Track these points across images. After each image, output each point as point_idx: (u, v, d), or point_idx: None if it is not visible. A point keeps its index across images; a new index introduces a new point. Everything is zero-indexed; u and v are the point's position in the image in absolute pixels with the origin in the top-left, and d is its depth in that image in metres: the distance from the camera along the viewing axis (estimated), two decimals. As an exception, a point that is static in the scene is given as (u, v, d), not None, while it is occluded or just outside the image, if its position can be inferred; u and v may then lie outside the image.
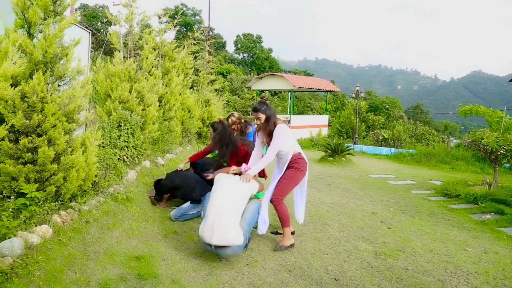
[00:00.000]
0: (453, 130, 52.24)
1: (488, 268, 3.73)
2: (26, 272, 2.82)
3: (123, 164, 5.59)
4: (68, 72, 3.92)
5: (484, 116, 8.45)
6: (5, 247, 2.90)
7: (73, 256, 3.26)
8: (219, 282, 3.23)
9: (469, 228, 5.09)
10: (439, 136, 20.20)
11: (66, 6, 3.93)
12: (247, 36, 67.57)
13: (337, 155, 11.19)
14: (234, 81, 36.81)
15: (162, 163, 6.85)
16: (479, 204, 6.16)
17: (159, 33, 8.69)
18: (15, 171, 3.46)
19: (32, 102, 3.52)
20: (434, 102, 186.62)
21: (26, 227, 3.28)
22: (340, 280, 3.38)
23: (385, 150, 14.80)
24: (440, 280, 3.44)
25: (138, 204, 4.89)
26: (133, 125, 5.86)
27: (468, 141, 7.58)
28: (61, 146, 3.70)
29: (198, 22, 54.71)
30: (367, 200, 6.48)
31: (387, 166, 11.55)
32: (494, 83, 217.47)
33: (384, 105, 47.57)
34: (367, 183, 8.28)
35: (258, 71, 58.51)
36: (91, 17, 45.61)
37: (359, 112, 22.20)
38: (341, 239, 4.43)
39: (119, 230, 4.05)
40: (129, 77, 6.31)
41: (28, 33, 3.70)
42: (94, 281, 3.01)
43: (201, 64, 13.48)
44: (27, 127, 3.52)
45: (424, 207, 6.19)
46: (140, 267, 3.35)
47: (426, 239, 4.53)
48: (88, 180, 4.17)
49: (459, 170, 10.94)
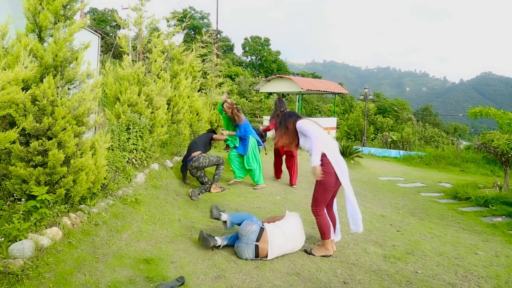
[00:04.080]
0: (462, 132, 51.75)
1: (500, 272, 3.68)
2: (37, 274, 2.85)
3: (132, 167, 5.62)
4: (77, 75, 3.95)
5: (495, 118, 8.35)
6: (16, 249, 2.93)
7: (82, 258, 3.28)
8: (228, 284, 3.23)
9: (480, 231, 5.04)
10: (449, 138, 20.08)
11: (76, 11, 3.97)
12: (255, 39, 67.72)
13: (346, 158, 11.14)
14: (242, 84, 36.88)
15: (170, 165, 6.87)
16: (490, 207, 6.09)
17: (167, 36, 8.74)
18: (26, 173, 3.49)
19: (43, 106, 3.56)
20: (443, 104, 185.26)
21: (36, 229, 3.31)
22: (349, 283, 3.36)
23: (394, 153, 14.71)
24: (451, 283, 3.41)
25: (147, 206, 4.92)
26: (142, 128, 5.89)
27: (478, 143, 7.51)
28: (71, 149, 3.73)
29: (206, 25, 54.97)
30: (376, 203, 6.44)
31: (396, 169, 11.48)
32: (505, 84, 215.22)
33: (393, 107, 47.35)
34: (376, 185, 8.23)
35: (266, 73, 58.58)
36: (101, 21, 46.03)
37: (368, 115, 22.11)
38: (350, 242, 4.40)
39: (128, 233, 4.07)
40: (138, 80, 6.35)
41: (39, 37, 3.75)
42: (103, 283, 3.03)
43: (209, 67, 13.53)
44: (38, 130, 3.56)
45: (434, 209, 6.14)
46: (149, 270, 3.36)
47: (436, 242, 4.49)
48: (97, 182, 4.20)
49: (469, 173, 10.84)
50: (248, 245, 3.70)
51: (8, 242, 2.99)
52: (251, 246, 3.70)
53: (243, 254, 3.73)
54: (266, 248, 3.71)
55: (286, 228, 3.92)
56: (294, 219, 4.09)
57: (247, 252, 3.70)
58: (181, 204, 5.50)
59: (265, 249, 3.71)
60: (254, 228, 3.78)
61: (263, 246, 3.70)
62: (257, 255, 3.70)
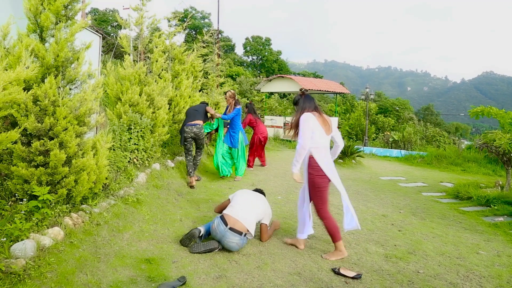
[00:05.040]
0: (464, 132, 51.71)
1: (502, 272, 3.67)
2: (39, 273, 2.85)
3: (133, 166, 5.63)
4: (79, 75, 3.96)
5: (496, 118, 8.34)
6: (18, 249, 2.93)
7: (84, 258, 3.29)
8: (229, 284, 3.23)
9: (482, 230, 5.03)
10: (450, 138, 20.05)
11: (77, 11, 3.98)
12: (256, 38, 67.73)
13: (347, 157, 11.14)
14: (244, 84, 36.85)
15: (172, 165, 6.88)
16: (492, 207, 6.08)
17: (168, 36, 8.74)
18: (28, 173, 3.50)
19: (44, 106, 3.57)
20: (444, 103, 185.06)
21: (38, 229, 3.32)
22: (350, 283, 3.36)
23: (395, 152, 14.70)
24: (452, 283, 3.40)
25: (148, 206, 4.92)
26: (143, 128, 5.90)
27: (479, 143, 7.49)
28: (72, 149, 3.73)
29: (207, 25, 55.01)
30: (377, 203, 6.44)
31: (397, 168, 11.47)
32: (507, 83, 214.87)
33: (394, 107, 47.30)
34: (377, 185, 8.22)
35: (267, 73, 58.58)
36: (102, 21, 46.11)
37: (369, 114, 22.09)
38: (352, 241, 4.40)
39: (130, 233, 4.08)
40: (139, 80, 6.36)
41: (40, 37, 3.75)
42: (105, 283, 3.03)
43: (210, 67, 13.52)
44: (39, 130, 3.57)
45: (435, 209, 6.13)
46: (150, 269, 3.36)
47: (437, 242, 4.49)
48: (99, 182, 4.21)
49: (471, 172, 10.82)
50: (225, 236, 3.80)
51: (10, 242, 3.00)
52: (227, 233, 3.80)
53: (231, 245, 3.82)
54: (237, 222, 3.87)
55: (235, 202, 4.14)
56: (238, 195, 4.31)
57: (230, 240, 3.80)
58: (183, 204, 5.50)
59: (237, 224, 3.86)
60: (216, 221, 3.94)
61: (234, 223, 3.86)
62: (240, 233, 3.82)
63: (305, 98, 4.01)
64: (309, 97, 4.02)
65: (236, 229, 3.81)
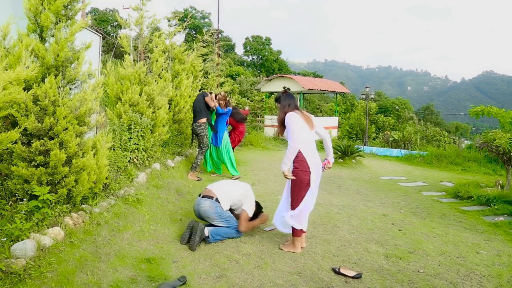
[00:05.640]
0: (464, 131, 51.70)
1: (502, 271, 3.67)
2: (39, 273, 2.85)
3: (134, 166, 5.63)
4: (79, 75, 3.96)
5: (496, 117, 8.34)
6: (18, 249, 2.93)
7: (84, 258, 3.29)
8: (230, 284, 3.23)
9: (482, 230, 5.03)
10: (450, 138, 20.05)
11: (77, 11, 3.98)
12: (256, 38, 67.69)
13: (347, 157, 11.13)
14: (244, 83, 36.81)
15: (172, 165, 6.88)
16: (492, 206, 6.08)
17: (168, 36, 8.75)
18: (28, 173, 3.50)
19: (44, 106, 3.56)
20: (445, 103, 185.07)
21: (38, 229, 3.32)
22: (350, 282, 3.36)
23: (395, 152, 14.70)
24: (453, 283, 3.40)
25: (149, 206, 4.92)
26: (143, 128, 5.90)
27: (480, 142, 7.49)
28: (72, 149, 3.73)
29: (207, 24, 54.96)
30: (377, 202, 6.44)
31: (397, 168, 11.46)
32: (507, 83, 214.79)
33: (394, 106, 47.30)
34: (378, 185, 8.22)
35: (267, 73, 58.54)
36: (102, 20, 46.07)
37: (369, 114, 22.10)
38: (352, 241, 4.40)
39: (130, 232, 4.08)
40: (139, 80, 6.36)
41: (40, 37, 3.75)
42: (105, 283, 3.03)
43: (210, 67, 13.54)
44: (39, 130, 3.57)
45: (436, 209, 6.13)
46: (150, 269, 3.36)
47: (437, 242, 4.49)
48: (99, 182, 4.21)
49: (471, 172, 10.82)
50: (199, 204, 4.23)
51: (11, 242, 3.00)
52: (200, 201, 4.25)
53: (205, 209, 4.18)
54: (208, 191, 4.34)
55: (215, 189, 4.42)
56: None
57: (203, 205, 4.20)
58: (183, 204, 5.50)
59: (208, 192, 4.33)
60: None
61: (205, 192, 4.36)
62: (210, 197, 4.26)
63: (286, 96, 4.13)
64: (290, 95, 4.14)
65: (207, 195, 4.27)
